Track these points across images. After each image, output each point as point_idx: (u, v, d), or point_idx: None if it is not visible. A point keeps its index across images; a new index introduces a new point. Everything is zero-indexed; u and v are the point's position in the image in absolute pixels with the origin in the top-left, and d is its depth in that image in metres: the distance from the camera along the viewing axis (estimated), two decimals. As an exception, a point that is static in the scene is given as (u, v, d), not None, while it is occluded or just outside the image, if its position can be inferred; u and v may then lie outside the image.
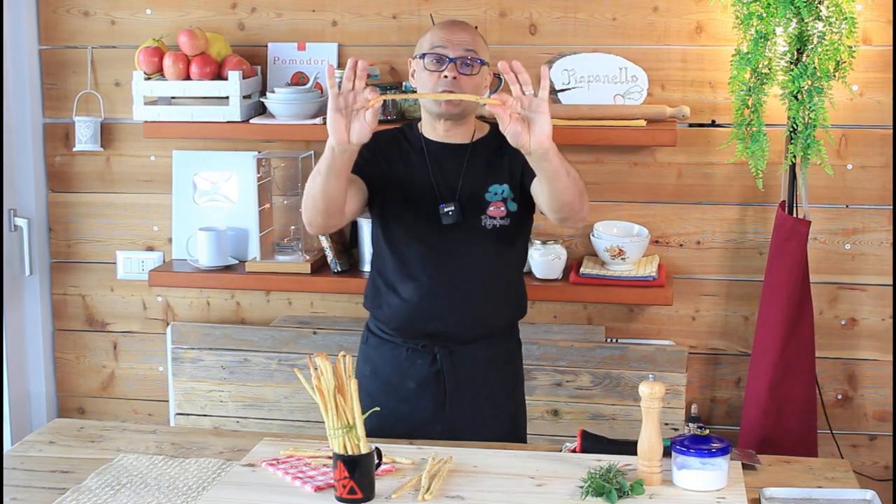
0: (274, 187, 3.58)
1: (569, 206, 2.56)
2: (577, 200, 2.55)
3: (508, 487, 2.32)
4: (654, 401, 2.29)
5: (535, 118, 2.36)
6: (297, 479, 2.35)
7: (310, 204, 2.61)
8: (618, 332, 3.58)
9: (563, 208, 2.57)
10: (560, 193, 2.52)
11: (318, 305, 3.74)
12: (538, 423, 3.43)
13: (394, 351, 2.81)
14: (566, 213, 2.59)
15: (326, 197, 2.57)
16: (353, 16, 3.57)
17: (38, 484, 2.40)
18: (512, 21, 3.50)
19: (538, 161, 2.43)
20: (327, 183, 2.54)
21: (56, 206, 3.83)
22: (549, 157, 2.41)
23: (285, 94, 3.45)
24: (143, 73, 3.51)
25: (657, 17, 3.44)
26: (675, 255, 3.54)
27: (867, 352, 3.51)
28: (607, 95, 3.45)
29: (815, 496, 2.30)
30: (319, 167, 2.55)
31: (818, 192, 3.41)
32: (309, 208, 2.63)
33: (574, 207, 2.57)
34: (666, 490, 2.29)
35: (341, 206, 2.63)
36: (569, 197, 2.53)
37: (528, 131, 2.37)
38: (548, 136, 2.37)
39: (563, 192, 2.52)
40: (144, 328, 3.84)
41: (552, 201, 2.56)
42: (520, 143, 2.38)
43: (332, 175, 2.53)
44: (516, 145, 2.39)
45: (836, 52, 3.09)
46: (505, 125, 2.37)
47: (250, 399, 3.60)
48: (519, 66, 2.37)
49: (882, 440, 3.54)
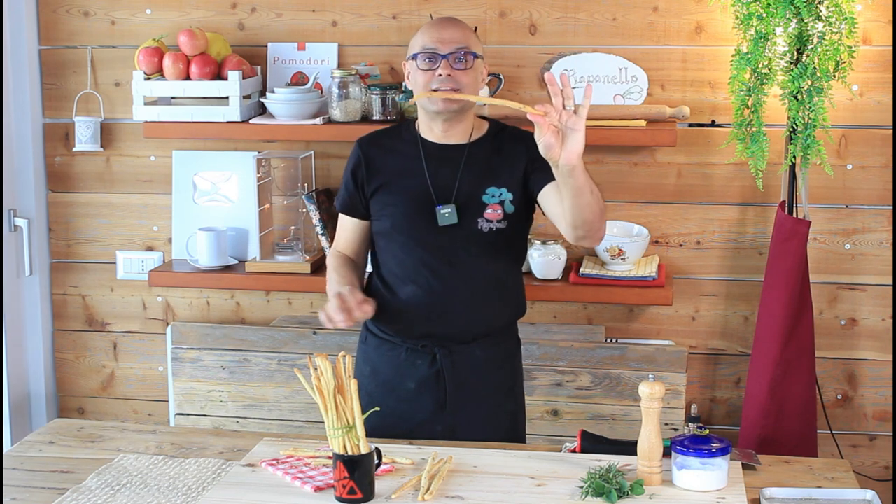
0: (274, 187, 3.58)
1: (589, 223, 2.54)
2: (597, 219, 2.54)
3: (508, 487, 2.32)
4: (654, 401, 2.29)
5: (570, 134, 2.35)
6: (297, 480, 2.35)
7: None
8: (618, 332, 3.58)
9: (584, 225, 2.54)
10: (581, 210, 2.50)
11: (318, 305, 3.73)
12: (538, 423, 3.43)
13: (393, 351, 2.81)
14: (584, 231, 2.56)
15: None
16: (353, 16, 3.57)
17: (38, 484, 2.40)
18: (512, 21, 3.50)
19: (564, 175, 2.42)
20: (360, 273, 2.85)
21: (56, 206, 3.83)
22: (576, 173, 2.40)
23: (285, 94, 3.45)
24: (143, 74, 3.51)
25: (657, 17, 3.44)
26: (675, 255, 3.54)
27: (867, 352, 3.51)
28: (607, 95, 3.45)
29: (815, 496, 2.30)
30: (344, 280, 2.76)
31: (818, 193, 3.41)
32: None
33: (594, 226, 2.56)
34: (666, 490, 2.29)
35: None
36: (589, 215, 2.51)
37: (560, 145, 2.35)
38: (578, 153, 2.36)
39: (584, 208, 2.50)
40: (144, 328, 3.84)
41: (573, 217, 2.53)
42: (550, 154, 2.37)
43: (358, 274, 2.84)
44: (546, 156, 2.38)
45: (836, 53, 3.09)
46: (541, 135, 2.36)
47: (250, 399, 3.60)
48: (566, 79, 2.36)
49: (882, 440, 3.54)
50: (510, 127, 2.82)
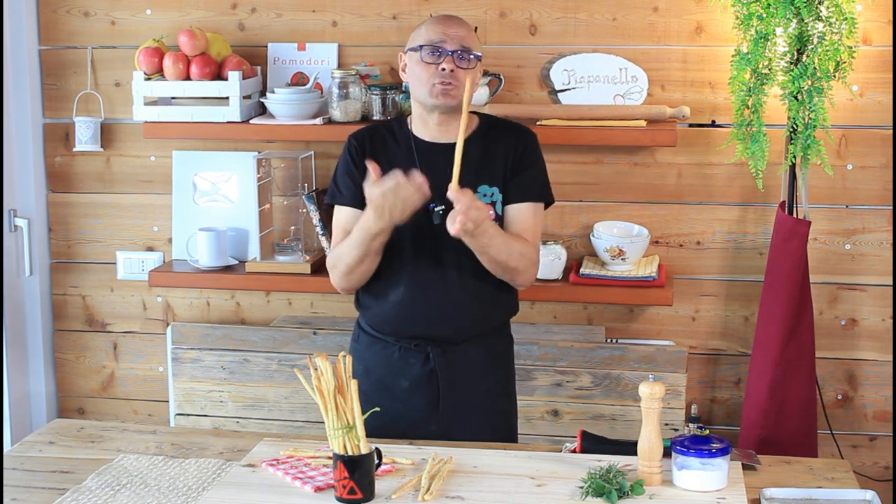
0: (274, 187, 3.58)
1: (499, 273, 2.73)
2: (505, 275, 2.73)
3: (508, 488, 2.32)
4: (654, 401, 2.29)
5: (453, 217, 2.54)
6: (297, 480, 2.35)
7: (360, 280, 2.77)
8: (618, 332, 3.58)
9: (496, 272, 2.73)
10: (485, 262, 2.69)
11: (318, 305, 3.74)
12: (538, 423, 3.43)
13: (386, 350, 2.80)
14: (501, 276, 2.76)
15: (370, 270, 2.74)
16: (353, 16, 3.57)
17: (38, 484, 2.40)
18: (512, 21, 3.50)
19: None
20: (377, 258, 2.72)
21: (56, 207, 3.83)
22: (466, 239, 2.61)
23: (285, 94, 3.45)
24: (143, 74, 3.51)
25: (657, 17, 3.44)
26: (675, 256, 3.54)
27: (867, 352, 3.51)
28: (607, 96, 3.45)
29: (815, 496, 2.30)
30: (364, 254, 2.69)
31: (818, 193, 3.41)
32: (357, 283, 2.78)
33: (505, 276, 2.74)
34: (666, 490, 2.29)
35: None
36: (494, 269, 2.71)
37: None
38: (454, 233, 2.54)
39: (486, 263, 2.69)
40: (144, 328, 3.84)
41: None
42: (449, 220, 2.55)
43: (375, 253, 2.70)
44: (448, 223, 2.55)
45: (836, 53, 3.09)
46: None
47: (250, 399, 3.60)
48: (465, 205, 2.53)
49: (882, 440, 3.54)
50: (500, 120, 2.84)
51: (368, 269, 2.73)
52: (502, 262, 2.67)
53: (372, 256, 2.69)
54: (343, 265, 2.72)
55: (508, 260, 2.67)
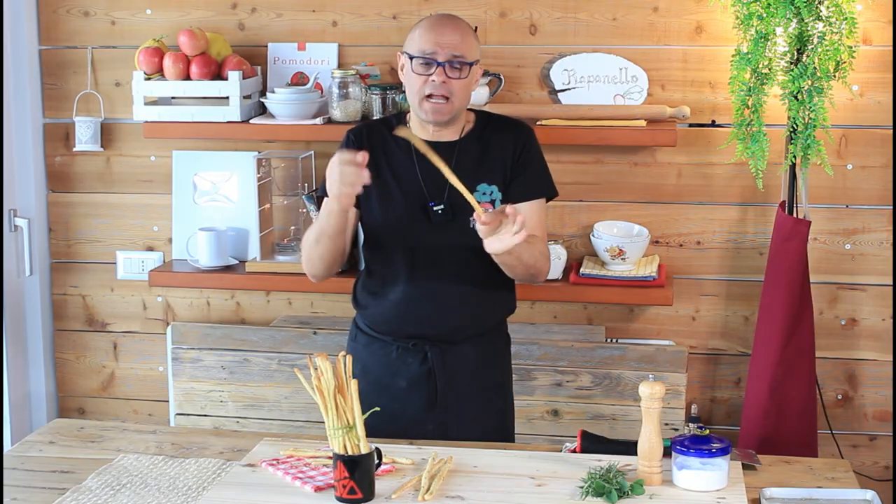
0: (274, 187, 3.58)
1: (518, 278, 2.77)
2: (526, 278, 2.73)
3: (508, 487, 2.32)
4: (654, 401, 2.29)
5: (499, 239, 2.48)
6: (298, 480, 2.35)
7: (317, 267, 2.75)
8: (618, 332, 3.58)
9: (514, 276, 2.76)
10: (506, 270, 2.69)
11: (318, 305, 3.74)
12: (538, 423, 3.43)
13: (384, 349, 2.80)
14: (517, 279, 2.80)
15: (333, 255, 2.72)
16: (353, 16, 3.57)
17: (38, 484, 2.40)
18: (512, 21, 3.50)
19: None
20: (332, 244, 2.68)
21: (56, 206, 3.83)
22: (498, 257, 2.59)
23: (285, 94, 3.45)
24: (143, 74, 3.51)
25: (657, 17, 3.44)
26: (675, 255, 3.54)
27: (867, 352, 3.51)
28: (607, 95, 3.45)
29: (815, 496, 2.30)
30: (320, 233, 2.68)
31: (818, 192, 3.41)
32: (316, 269, 2.76)
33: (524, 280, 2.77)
34: (666, 490, 2.29)
35: (344, 252, 2.75)
36: (515, 275, 2.73)
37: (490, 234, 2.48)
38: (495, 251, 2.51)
39: (508, 270, 2.70)
40: (144, 328, 3.84)
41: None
42: (482, 233, 2.49)
43: (336, 234, 2.66)
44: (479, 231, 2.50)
45: (836, 53, 3.09)
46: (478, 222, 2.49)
47: (250, 399, 3.60)
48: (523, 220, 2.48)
49: (882, 440, 3.54)
50: (495, 116, 2.83)
51: (326, 257, 2.72)
52: (531, 266, 2.68)
53: (327, 240, 2.68)
54: (305, 244, 2.76)
55: (536, 263, 2.69)
